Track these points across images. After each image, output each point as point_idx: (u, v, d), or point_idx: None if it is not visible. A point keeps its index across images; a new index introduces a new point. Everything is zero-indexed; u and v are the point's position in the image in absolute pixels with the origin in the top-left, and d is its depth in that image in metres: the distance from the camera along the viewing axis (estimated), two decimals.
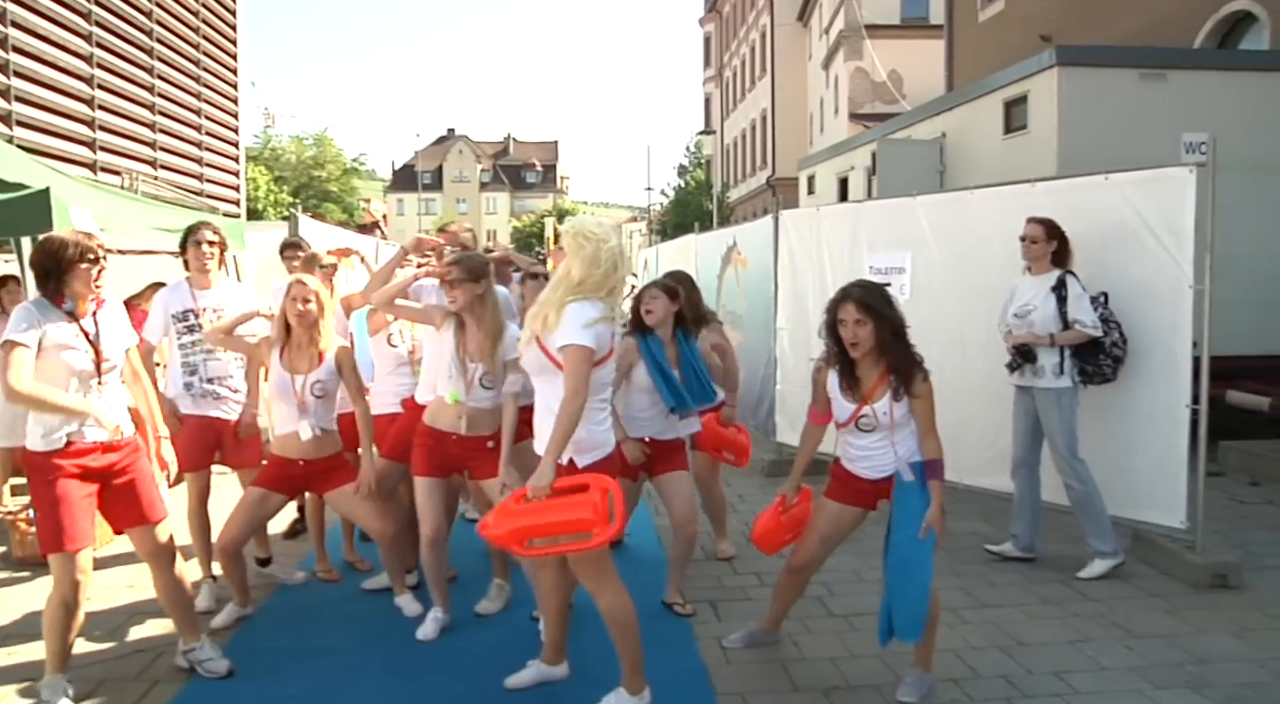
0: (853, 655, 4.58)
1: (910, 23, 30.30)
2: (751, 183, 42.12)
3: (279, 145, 63.72)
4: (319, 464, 5.00)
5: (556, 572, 4.11)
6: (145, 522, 4.18)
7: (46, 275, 3.99)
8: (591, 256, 3.71)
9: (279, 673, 4.46)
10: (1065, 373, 5.63)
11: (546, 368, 3.76)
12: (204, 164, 17.48)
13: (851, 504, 4.30)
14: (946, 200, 7.31)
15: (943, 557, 5.99)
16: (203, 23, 17.51)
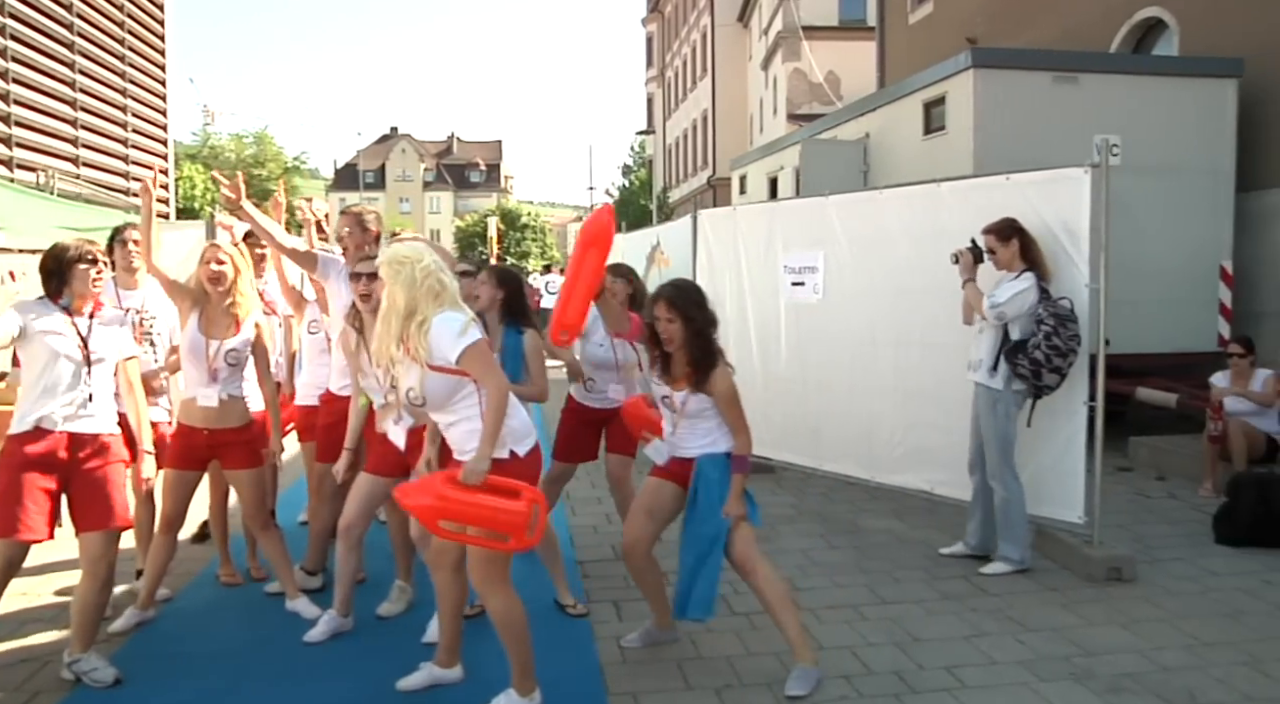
0: (750, 654, 4.60)
1: (848, 24, 30.53)
2: (693, 182, 42.25)
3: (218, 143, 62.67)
4: (224, 434, 4.96)
5: (452, 573, 4.08)
6: (105, 526, 4.24)
7: (49, 275, 4.32)
8: (409, 279, 3.73)
9: (169, 679, 4.37)
10: (999, 373, 5.64)
11: (455, 385, 3.76)
12: (130, 161, 17.15)
13: (668, 479, 4.44)
14: (857, 200, 7.38)
15: (848, 555, 6.11)
16: (128, 17, 17.17)
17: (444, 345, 3.69)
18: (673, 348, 4.28)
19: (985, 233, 5.72)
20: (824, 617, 5.05)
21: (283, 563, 5.18)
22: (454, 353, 3.68)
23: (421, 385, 3.75)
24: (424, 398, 3.79)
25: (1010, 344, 5.57)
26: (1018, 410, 5.68)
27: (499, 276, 5.23)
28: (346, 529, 4.76)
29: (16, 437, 4.13)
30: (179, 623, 5.08)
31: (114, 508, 4.25)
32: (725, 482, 4.26)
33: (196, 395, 4.89)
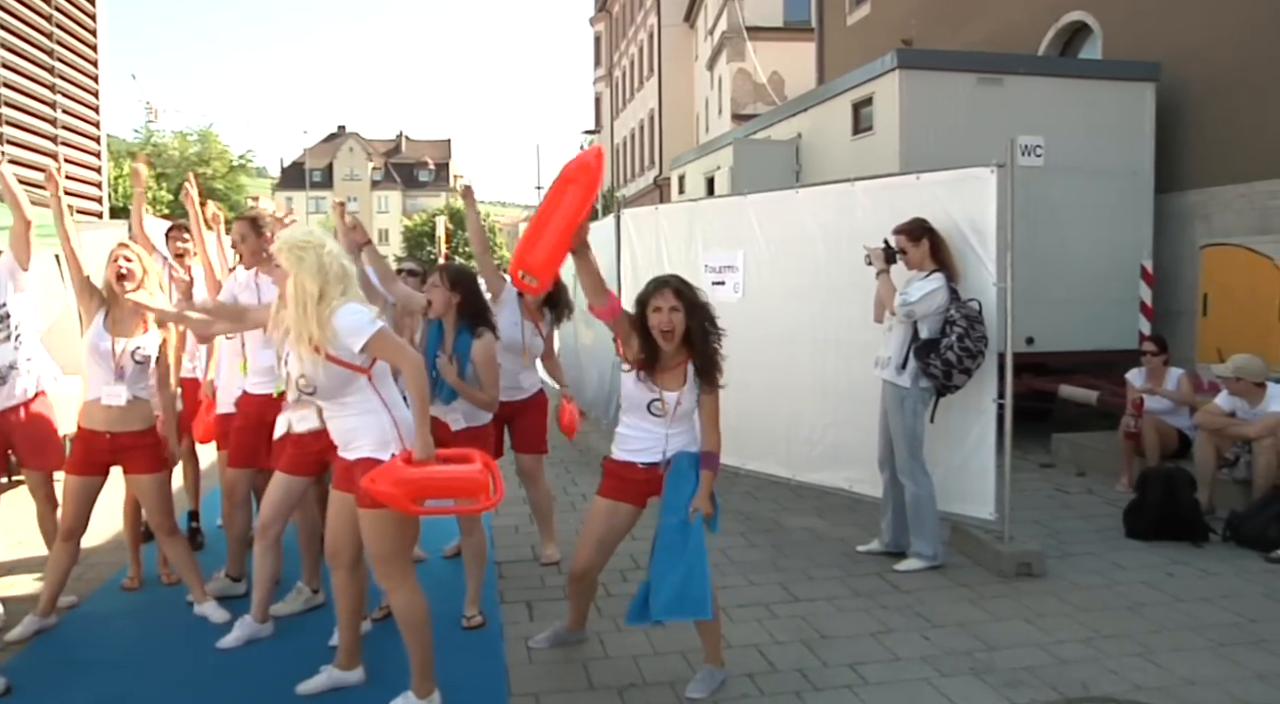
0: (656, 653, 4.59)
1: (792, 25, 30.66)
2: (640, 182, 42.26)
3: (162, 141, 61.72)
4: (126, 438, 4.85)
5: (349, 572, 4.04)
6: None
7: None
8: (316, 264, 3.67)
9: (62, 688, 4.29)
10: (907, 371, 5.68)
11: (348, 378, 3.72)
12: (60, 159, 16.81)
13: (623, 500, 4.27)
14: (774, 199, 7.41)
15: (766, 553, 6.13)
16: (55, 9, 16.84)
17: (348, 336, 3.64)
18: (669, 342, 4.08)
19: (896, 233, 5.76)
20: (735, 615, 5.05)
21: (188, 568, 5.10)
22: (359, 343, 3.64)
23: (315, 374, 3.71)
24: (315, 387, 3.74)
25: (920, 343, 5.62)
26: (925, 407, 5.74)
27: (451, 278, 4.95)
28: (263, 529, 4.70)
29: None
30: (82, 630, 4.98)
31: None
32: (696, 477, 4.12)
33: (101, 395, 4.79)
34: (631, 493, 4.28)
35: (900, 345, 5.69)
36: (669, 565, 4.02)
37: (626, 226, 8.67)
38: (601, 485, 4.35)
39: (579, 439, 8.42)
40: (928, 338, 5.60)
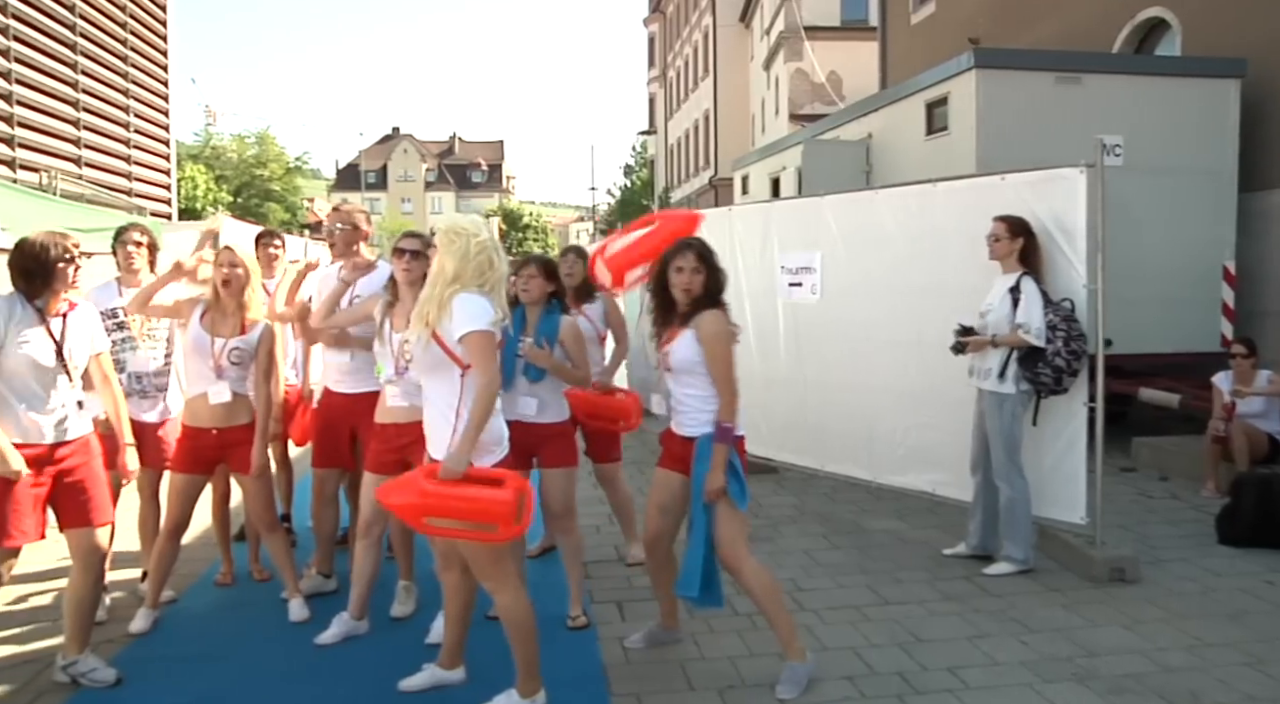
0: (752, 654, 4.59)
1: (850, 24, 30.50)
2: (695, 183, 42.24)
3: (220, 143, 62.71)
4: (233, 433, 4.95)
5: (460, 574, 4.07)
6: (89, 524, 4.21)
7: (27, 275, 4.11)
8: (462, 251, 3.75)
9: (171, 681, 4.38)
10: (1009, 378, 5.60)
11: (442, 364, 3.75)
12: (132, 162, 17.15)
13: (674, 469, 4.40)
14: (853, 200, 7.37)
15: (850, 555, 6.11)
16: (130, 17, 17.19)
17: (458, 321, 3.69)
18: (688, 299, 4.22)
19: (998, 220, 5.68)
20: (827, 617, 5.04)
21: (286, 564, 5.18)
22: (460, 331, 3.68)
23: (418, 345, 3.79)
24: (414, 355, 3.85)
25: (1023, 352, 5.54)
26: (1024, 410, 5.67)
27: (548, 268, 5.07)
28: (365, 528, 4.75)
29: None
30: (182, 624, 5.09)
31: (95, 506, 4.22)
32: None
33: (207, 392, 4.89)
34: (678, 463, 4.39)
35: (1002, 355, 5.61)
36: (692, 549, 4.22)
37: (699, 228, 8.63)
38: (660, 457, 4.55)
39: (648, 437, 8.44)
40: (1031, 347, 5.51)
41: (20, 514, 4.00)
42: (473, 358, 3.70)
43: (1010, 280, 5.61)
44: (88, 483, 4.22)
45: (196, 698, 4.23)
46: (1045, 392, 5.59)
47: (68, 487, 4.17)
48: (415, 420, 4.17)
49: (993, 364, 5.65)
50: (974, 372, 5.84)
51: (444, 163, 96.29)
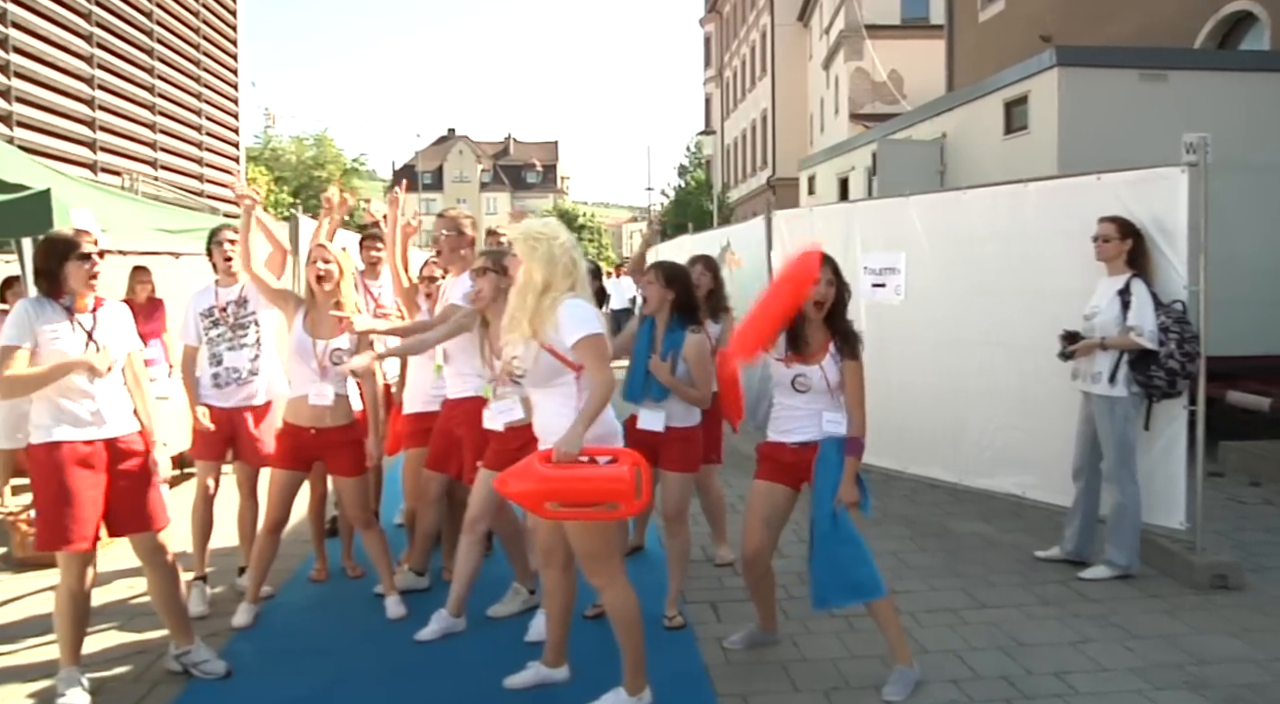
0: (853, 656, 4.58)
1: (910, 23, 30.29)
2: (752, 183, 42.12)
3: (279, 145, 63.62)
4: (331, 434, 5.02)
5: (561, 572, 4.10)
6: (148, 528, 4.21)
7: (44, 273, 4.09)
8: (547, 255, 3.75)
9: (278, 675, 4.46)
10: (1119, 381, 5.50)
11: (558, 371, 3.77)
12: (204, 164, 17.49)
13: (778, 481, 4.38)
14: (939, 200, 7.32)
15: (939, 558, 6.06)
16: (203, 23, 17.52)
17: (567, 329, 3.70)
18: (818, 315, 4.24)
19: (1106, 220, 5.59)
20: (923, 620, 5.01)
21: (381, 561, 5.25)
22: (572, 338, 3.69)
23: (527, 359, 3.78)
24: (525, 370, 3.83)
25: (1134, 355, 5.45)
26: (1136, 414, 5.56)
27: (666, 274, 4.97)
28: (471, 524, 4.81)
29: (43, 447, 4.00)
30: (282, 619, 5.18)
31: (152, 510, 4.20)
32: (842, 465, 4.20)
33: (309, 393, 4.96)
34: (784, 474, 4.38)
35: (1112, 358, 5.51)
36: (828, 555, 4.18)
37: (778, 228, 8.63)
38: (758, 469, 4.49)
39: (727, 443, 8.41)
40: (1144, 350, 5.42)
41: (84, 518, 3.99)
42: (588, 361, 3.71)
43: (1118, 282, 5.52)
44: (140, 488, 4.18)
45: (306, 692, 4.30)
46: (1158, 395, 5.49)
47: (122, 491, 4.13)
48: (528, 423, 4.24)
49: (1102, 367, 5.55)
50: (1079, 375, 5.75)
51: (499, 164, 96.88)
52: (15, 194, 6.14)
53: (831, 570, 4.17)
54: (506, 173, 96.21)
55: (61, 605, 4.09)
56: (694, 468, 5.05)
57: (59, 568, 4.08)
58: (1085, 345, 5.61)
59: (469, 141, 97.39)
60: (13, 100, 11.58)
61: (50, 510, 3.97)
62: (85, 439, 4.03)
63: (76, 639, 4.14)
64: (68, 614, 4.08)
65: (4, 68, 11.46)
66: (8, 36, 11.51)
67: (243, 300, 5.45)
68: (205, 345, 5.44)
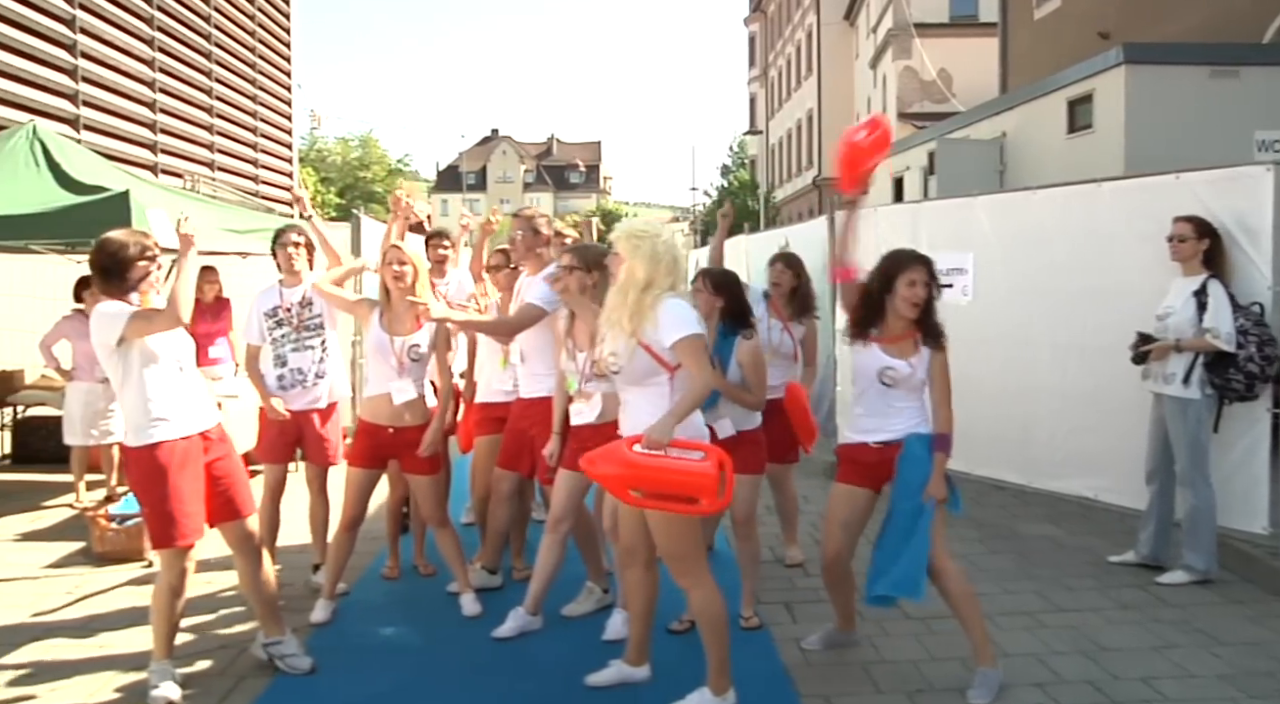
0: (933, 658, 4.55)
1: (959, 20, 29.99)
2: (797, 182, 41.96)
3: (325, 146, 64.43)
4: (408, 433, 5.04)
5: (643, 571, 4.11)
6: (238, 516, 4.28)
7: (107, 274, 4.09)
8: (650, 253, 3.76)
9: (360, 671, 4.50)
10: (1193, 383, 5.41)
11: (653, 370, 3.76)
12: (259, 165, 17.74)
13: (858, 484, 4.36)
14: (1008, 200, 7.26)
15: (1011, 560, 6.01)
16: (259, 26, 17.76)
17: (666, 328, 3.70)
18: (914, 314, 4.22)
19: (1182, 220, 5.50)
20: (1001, 623, 4.95)
21: (456, 559, 5.28)
22: (671, 338, 3.69)
23: (623, 355, 3.78)
24: (620, 367, 3.82)
25: (1210, 357, 5.36)
26: (1209, 416, 5.48)
27: (715, 281, 4.91)
28: (554, 524, 4.82)
29: (143, 449, 4.05)
30: (359, 616, 5.21)
31: (241, 498, 4.30)
32: (929, 460, 4.17)
33: (390, 391, 4.99)
34: (865, 476, 4.36)
35: (1186, 360, 5.43)
36: (895, 548, 4.18)
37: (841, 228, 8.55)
38: (838, 471, 4.48)
39: None
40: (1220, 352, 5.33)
41: (190, 513, 4.07)
42: (687, 361, 3.70)
43: (1194, 283, 5.44)
44: (230, 476, 4.28)
45: (387, 688, 4.34)
46: (1234, 398, 5.40)
47: (214, 482, 4.21)
48: (607, 422, 4.26)
49: (1176, 369, 5.47)
50: (1151, 376, 5.66)
51: (542, 164, 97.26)
52: (94, 195, 6.27)
53: (889, 564, 4.17)
54: (549, 173, 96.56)
55: (159, 600, 4.15)
56: (760, 470, 5.02)
57: (161, 564, 4.16)
58: (1160, 347, 5.53)
59: (512, 142, 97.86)
60: (80, 104, 11.82)
61: (159, 510, 4.04)
62: (181, 435, 4.10)
63: (170, 633, 4.21)
64: (165, 609, 4.15)
65: (72, 73, 11.70)
66: (76, 42, 11.75)
67: (308, 301, 5.49)
68: (269, 346, 5.50)
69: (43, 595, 5.52)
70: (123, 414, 4.18)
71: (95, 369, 7.52)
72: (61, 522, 7.17)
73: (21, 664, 4.56)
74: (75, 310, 7.65)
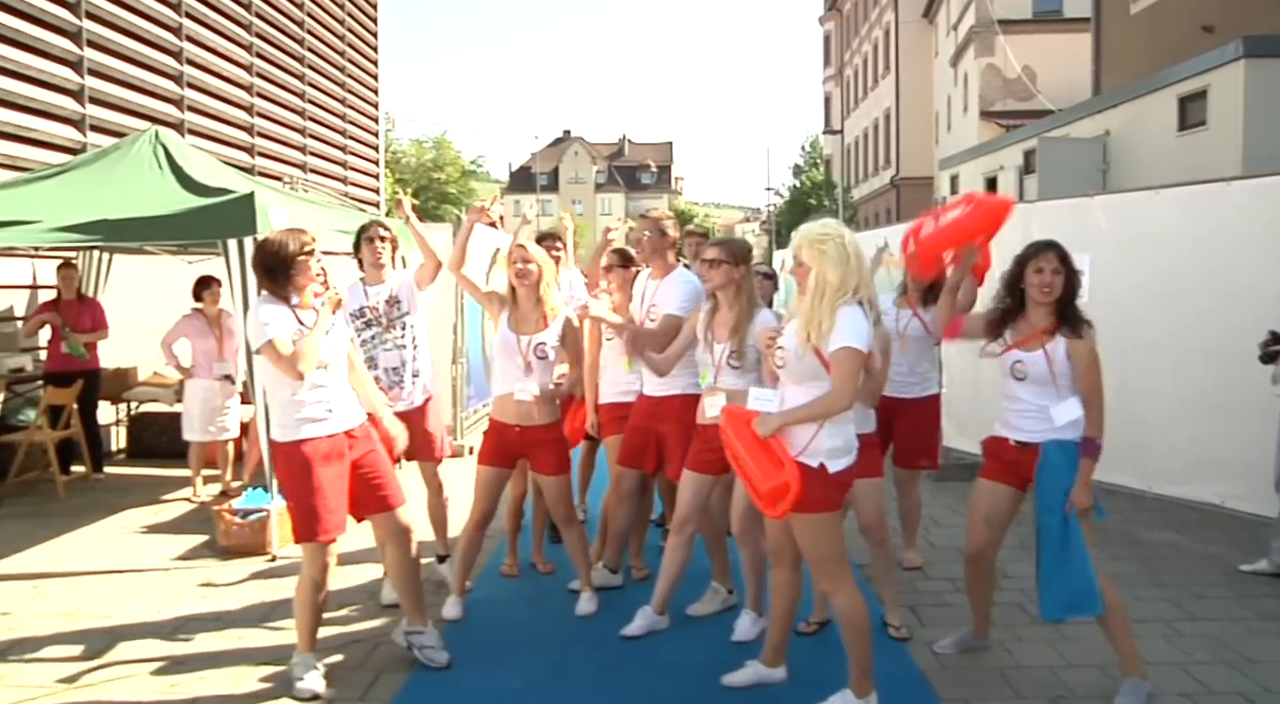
0: (1070, 665, 4.48)
1: (1043, 16, 29.45)
2: (874, 182, 41.57)
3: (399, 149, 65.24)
4: (536, 432, 5.06)
5: (790, 572, 4.11)
6: (389, 508, 4.36)
7: (271, 273, 4.21)
8: (837, 254, 3.71)
9: (494, 667, 4.55)
10: None
11: (818, 372, 3.73)
12: (348, 167, 18.03)
13: (1000, 481, 4.30)
14: (1128, 200, 7.11)
15: (1135, 567, 5.88)
16: (348, 31, 18.06)
17: (836, 333, 3.67)
18: (1049, 299, 4.10)
19: None
20: (1136, 630, 4.80)
21: (581, 557, 5.31)
22: (835, 345, 3.66)
23: (795, 354, 3.76)
24: (787, 362, 3.81)
25: None
26: None
27: None
28: (680, 525, 4.81)
29: (289, 445, 4.17)
30: (486, 613, 5.26)
31: (390, 490, 4.37)
32: (1071, 469, 4.06)
33: (514, 390, 5.04)
34: (1007, 473, 4.30)
35: None
36: (1056, 565, 4.07)
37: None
38: (983, 466, 4.42)
39: None
40: None
41: (332, 509, 4.15)
42: (835, 372, 3.67)
43: None
44: (378, 470, 4.35)
45: (525, 685, 4.37)
46: None
47: (362, 477, 4.30)
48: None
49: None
50: (1276, 379, 5.53)
51: (614, 165, 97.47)
52: (219, 197, 6.41)
53: (1056, 581, 4.08)
54: (621, 173, 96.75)
55: (303, 594, 4.24)
56: (879, 472, 4.94)
57: (303, 558, 4.24)
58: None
59: (584, 143, 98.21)
60: (185, 109, 12.12)
61: (302, 504, 4.14)
62: (327, 433, 4.19)
63: (314, 626, 4.30)
64: (308, 602, 4.24)
65: (178, 78, 12.00)
66: (182, 49, 12.05)
67: (394, 299, 5.46)
68: (359, 347, 5.43)
69: (176, 587, 5.67)
70: (272, 410, 4.30)
71: (213, 367, 7.73)
72: (182, 515, 7.36)
73: (167, 655, 4.69)
74: (194, 310, 7.84)
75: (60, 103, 9.86)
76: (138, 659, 4.62)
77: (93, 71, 10.29)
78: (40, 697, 4.22)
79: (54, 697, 4.22)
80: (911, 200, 35.31)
